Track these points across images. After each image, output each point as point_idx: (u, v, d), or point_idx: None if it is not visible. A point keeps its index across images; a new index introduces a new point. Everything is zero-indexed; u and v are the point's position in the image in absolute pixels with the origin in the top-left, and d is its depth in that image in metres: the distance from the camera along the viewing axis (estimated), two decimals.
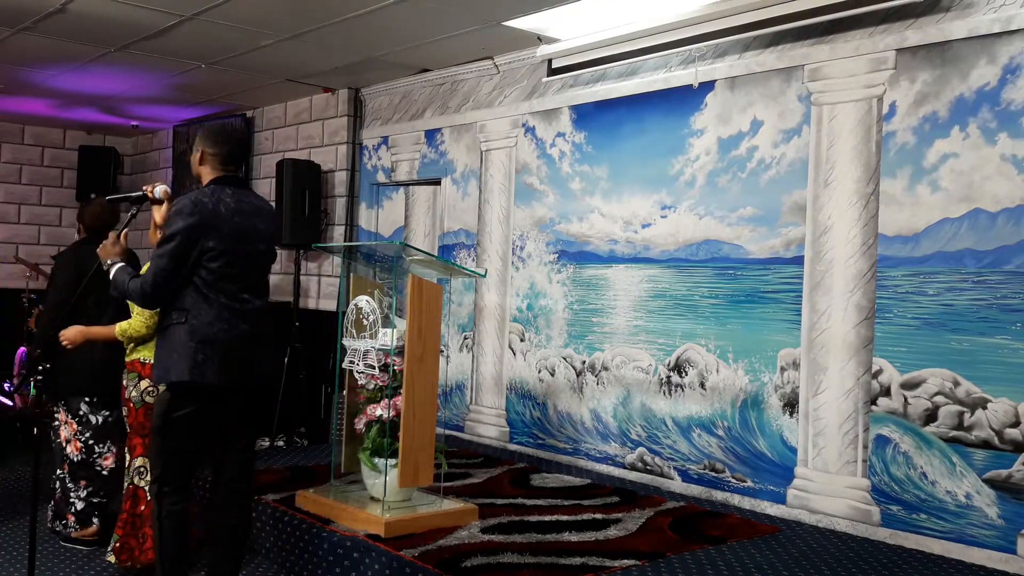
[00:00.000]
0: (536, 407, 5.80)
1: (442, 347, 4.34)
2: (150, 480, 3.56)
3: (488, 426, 6.12)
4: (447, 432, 6.18)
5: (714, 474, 4.80)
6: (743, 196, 4.77)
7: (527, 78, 5.94)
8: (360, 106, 7.27)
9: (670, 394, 5.03)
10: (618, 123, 5.40)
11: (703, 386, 4.88)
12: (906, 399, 4.08)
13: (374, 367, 4.15)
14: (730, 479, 4.72)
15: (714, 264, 4.90)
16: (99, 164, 9.35)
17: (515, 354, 5.98)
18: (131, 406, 4.10)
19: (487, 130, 6.23)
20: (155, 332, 4.00)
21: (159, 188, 3.67)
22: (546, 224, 5.83)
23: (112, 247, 3.54)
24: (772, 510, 4.51)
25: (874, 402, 4.19)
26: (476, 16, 5.18)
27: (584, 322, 5.55)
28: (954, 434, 3.92)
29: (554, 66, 5.57)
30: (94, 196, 7.45)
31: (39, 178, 9.40)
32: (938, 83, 4.05)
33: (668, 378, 5.05)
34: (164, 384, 3.44)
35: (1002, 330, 3.83)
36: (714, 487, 4.78)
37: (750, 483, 4.64)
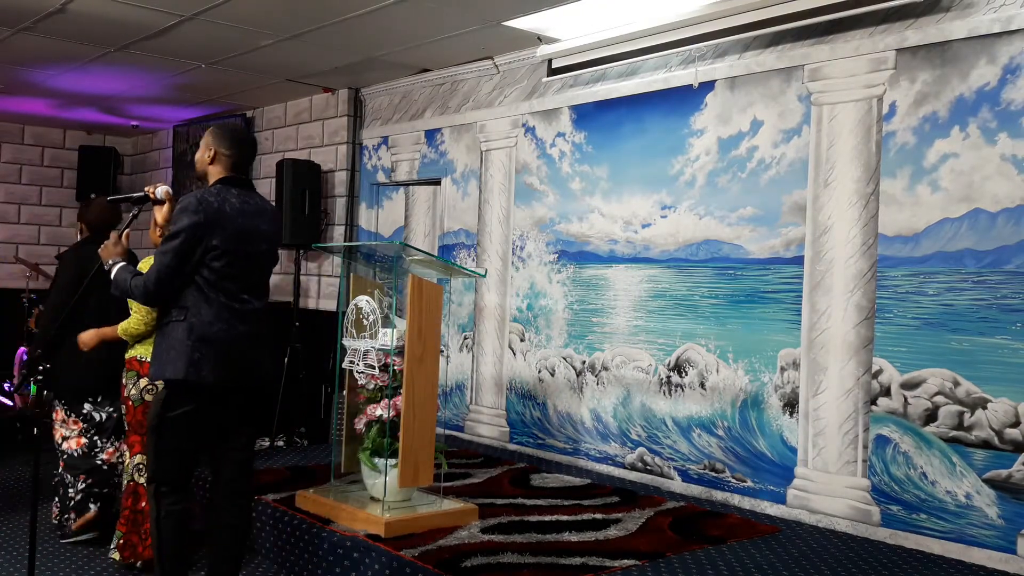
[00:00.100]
0: (536, 407, 5.80)
1: (442, 347, 4.34)
2: (146, 479, 3.56)
3: (488, 426, 6.12)
4: (447, 432, 6.18)
5: (714, 474, 4.80)
6: (743, 196, 4.77)
7: (527, 78, 5.94)
8: (360, 106, 7.27)
9: (670, 394, 5.03)
10: (618, 123, 5.41)
11: (703, 386, 4.88)
12: (906, 399, 4.08)
13: (374, 367, 4.15)
14: (730, 479, 4.73)
15: (714, 264, 4.90)
16: (99, 164, 9.36)
17: (515, 354, 5.98)
18: (130, 404, 4.11)
19: (487, 130, 6.23)
20: (154, 329, 4.01)
21: (161, 189, 3.68)
22: (546, 224, 5.83)
23: (114, 247, 3.54)
24: (772, 510, 4.51)
25: (874, 402, 4.19)
26: (476, 16, 5.18)
27: (584, 322, 5.55)
28: (954, 434, 3.92)
29: (554, 66, 5.57)
30: (94, 196, 7.46)
31: (39, 178, 9.40)
32: (938, 83, 4.05)
33: (668, 378, 5.05)
34: (161, 382, 3.44)
35: (1002, 330, 3.83)
36: (714, 487, 4.78)
37: (750, 483, 4.64)
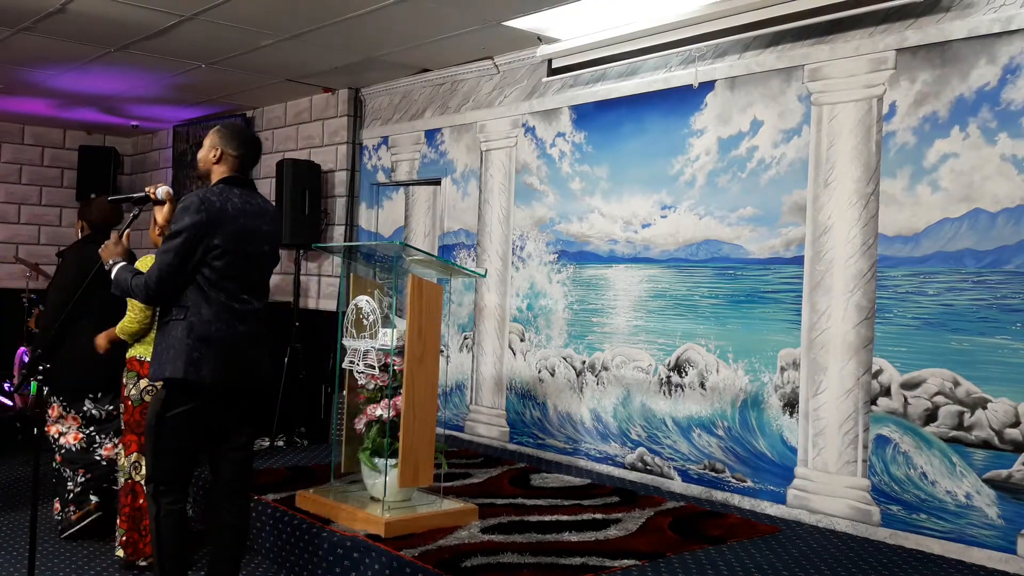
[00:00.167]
0: (536, 407, 5.80)
1: (442, 347, 4.34)
2: (145, 478, 3.56)
3: (488, 426, 6.12)
4: (447, 432, 6.18)
5: (714, 474, 4.80)
6: (743, 196, 4.77)
7: (527, 78, 5.94)
8: (360, 106, 7.27)
9: (670, 394, 5.03)
10: (618, 123, 5.41)
11: (703, 386, 4.88)
12: (906, 399, 4.08)
13: (374, 367, 4.15)
14: (730, 479, 4.73)
15: (714, 264, 4.90)
16: (99, 164, 9.36)
17: (515, 354, 5.98)
18: (129, 404, 4.12)
19: (487, 130, 6.23)
20: (150, 327, 4.02)
21: (161, 189, 3.67)
22: (546, 224, 5.83)
23: (114, 247, 3.54)
24: (772, 510, 4.51)
25: (874, 402, 4.19)
26: (476, 16, 5.18)
27: (584, 322, 5.55)
28: (954, 434, 3.92)
29: (554, 66, 5.57)
30: (94, 196, 7.45)
31: (39, 178, 9.40)
32: (938, 83, 4.05)
33: (668, 378, 5.05)
34: (160, 381, 3.45)
35: (1002, 330, 3.83)
36: (714, 487, 4.78)
37: (750, 483, 4.64)
